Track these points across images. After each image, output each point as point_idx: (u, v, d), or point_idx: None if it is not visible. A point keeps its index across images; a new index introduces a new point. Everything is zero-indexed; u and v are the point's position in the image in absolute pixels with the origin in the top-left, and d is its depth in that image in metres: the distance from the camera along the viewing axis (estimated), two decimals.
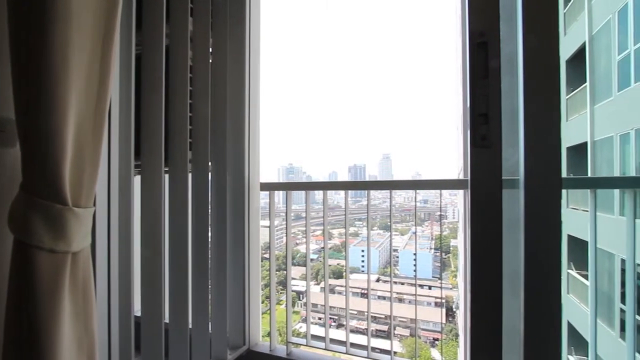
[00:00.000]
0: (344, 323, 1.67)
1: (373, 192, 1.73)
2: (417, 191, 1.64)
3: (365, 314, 1.66)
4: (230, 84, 1.59)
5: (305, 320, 1.74)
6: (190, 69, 1.49)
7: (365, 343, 1.60)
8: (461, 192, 1.44)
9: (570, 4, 9.18)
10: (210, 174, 1.57)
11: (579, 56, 8.76)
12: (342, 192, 1.69)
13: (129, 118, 1.28)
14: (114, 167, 1.21)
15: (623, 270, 6.32)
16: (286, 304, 1.77)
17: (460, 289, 1.62)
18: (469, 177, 0.76)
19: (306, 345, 1.74)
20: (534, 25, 0.67)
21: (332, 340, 1.71)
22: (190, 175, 1.50)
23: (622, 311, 6.33)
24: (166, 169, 1.50)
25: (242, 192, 1.63)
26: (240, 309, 1.66)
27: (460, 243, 1.59)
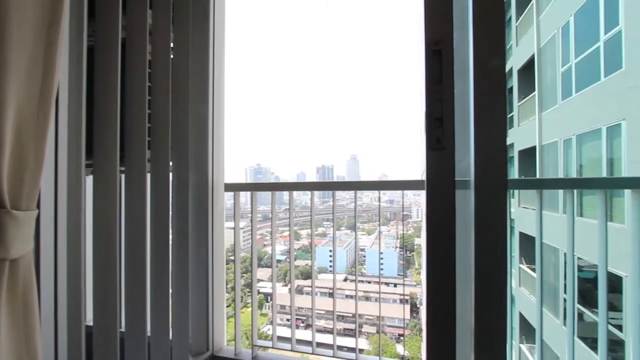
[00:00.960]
0: (314, 323, 1.67)
1: (341, 193, 1.75)
2: (384, 192, 1.68)
3: (333, 312, 1.68)
4: (193, 81, 1.54)
5: (276, 321, 1.72)
6: (150, 64, 1.42)
7: (330, 341, 1.62)
8: (424, 192, 1.50)
9: (522, 17, 9.91)
10: (171, 174, 1.51)
11: (529, 66, 9.48)
12: (308, 193, 1.70)
13: (79, 114, 1.20)
14: (62, 167, 1.13)
15: (566, 264, 6.93)
16: (251, 307, 1.75)
17: (424, 286, 1.69)
18: (425, 178, 0.81)
19: (273, 348, 1.73)
20: (483, 38, 0.72)
21: (299, 341, 1.71)
22: (149, 175, 1.43)
23: (566, 301, 6.93)
24: (122, 168, 1.42)
25: (205, 193, 1.58)
26: (204, 314, 1.61)
27: (424, 241, 1.66)
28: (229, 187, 1.69)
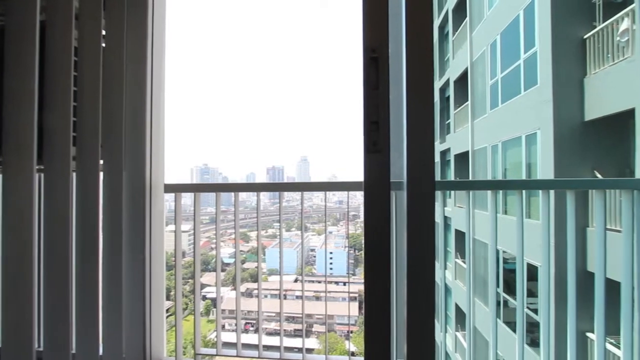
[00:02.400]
0: (263, 326, 1.64)
1: (292, 194, 1.75)
2: (333, 193, 1.71)
3: (284, 315, 1.67)
4: (129, 71, 1.42)
5: (222, 327, 1.65)
6: (76, 52, 1.28)
7: (283, 344, 1.61)
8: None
9: (458, 32, 10.84)
10: (102, 173, 1.38)
11: (463, 78, 10.41)
12: (260, 194, 1.67)
13: None
14: None
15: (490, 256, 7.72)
16: (194, 314, 1.66)
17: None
18: (363, 180, 0.85)
19: (217, 355, 1.66)
20: (414, 49, 0.78)
21: (246, 346, 1.67)
22: (74, 174, 1.29)
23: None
24: (41, 167, 1.26)
25: (142, 194, 1.46)
26: (140, 325, 1.49)
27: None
28: (170, 188, 1.59)
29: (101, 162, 1.37)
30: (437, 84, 13.02)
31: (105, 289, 1.36)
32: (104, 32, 1.36)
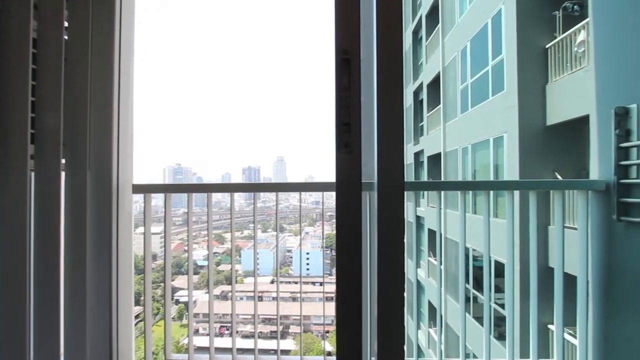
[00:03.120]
0: (239, 329, 1.61)
1: (268, 194, 1.73)
2: (310, 193, 1.71)
3: (260, 317, 1.64)
4: (95, 67, 1.35)
5: (195, 332, 1.61)
6: (35, 43, 1.21)
7: (259, 346, 1.59)
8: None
9: (431, 38, 11.19)
10: (64, 173, 1.30)
11: (436, 82, 10.75)
12: (235, 195, 1.64)
13: None
14: None
15: (466, 256, 8.03)
16: (164, 318, 1.60)
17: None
18: (335, 181, 0.86)
19: None
20: (384, 52, 0.80)
21: (221, 350, 1.63)
22: (32, 174, 1.21)
23: (465, 288, 8.03)
24: None
25: (108, 195, 1.40)
26: (106, 332, 1.42)
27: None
28: (139, 189, 1.53)
29: (63, 161, 1.30)
30: (412, 87, 13.37)
31: (67, 295, 1.28)
32: (66, 24, 1.28)
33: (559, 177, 5.74)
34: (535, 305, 1.64)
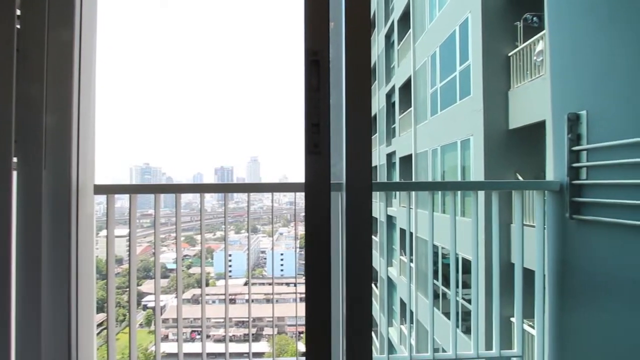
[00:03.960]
0: (212, 333, 1.56)
1: (242, 195, 1.70)
2: (284, 194, 1.70)
3: (233, 320, 1.60)
4: (51, 60, 1.27)
5: (165, 337, 1.54)
6: None
7: (232, 349, 1.55)
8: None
9: (402, 42, 11.50)
10: (16, 172, 1.21)
11: (407, 85, 11.06)
12: (207, 196, 1.59)
13: None
14: None
15: (435, 253, 8.32)
16: (129, 324, 1.53)
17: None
18: (303, 181, 0.86)
19: None
20: (353, 55, 0.82)
21: (192, 355, 1.58)
22: None
23: (434, 284, 8.32)
24: None
25: (66, 196, 1.31)
26: (64, 342, 1.33)
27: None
28: (101, 189, 1.45)
29: (15, 159, 1.20)
30: (384, 90, 13.66)
31: (19, 303, 1.19)
32: (18, 12, 1.19)
33: (520, 178, 6.09)
34: (497, 300, 1.73)
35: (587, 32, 1.51)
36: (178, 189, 1.53)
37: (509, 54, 6.23)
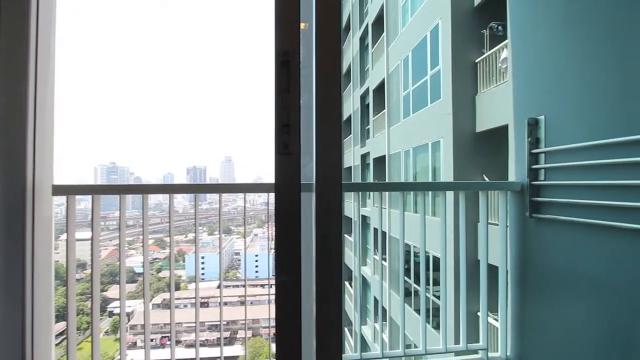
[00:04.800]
0: (183, 339, 1.51)
1: (215, 196, 1.66)
2: (260, 194, 1.67)
3: (206, 324, 1.56)
4: (3, 54, 1.18)
5: (133, 344, 1.47)
6: None
7: (205, 354, 1.51)
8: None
9: (376, 45, 11.72)
10: None
11: (381, 87, 11.29)
12: (178, 196, 1.54)
13: None
14: None
15: (407, 252, 8.55)
16: (92, 333, 1.45)
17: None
18: (274, 182, 0.86)
19: None
20: (323, 57, 0.83)
21: None
22: None
23: (406, 282, 8.56)
24: None
25: (21, 197, 1.22)
26: (18, 354, 1.24)
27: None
28: (60, 190, 1.37)
29: None
30: (359, 92, 13.85)
31: None
32: None
33: (486, 178, 6.39)
34: (464, 295, 1.81)
35: (544, 44, 1.62)
36: (145, 189, 1.47)
37: (476, 60, 6.52)
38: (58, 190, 1.36)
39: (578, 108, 1.43)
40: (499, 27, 6.18)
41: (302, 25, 0.98)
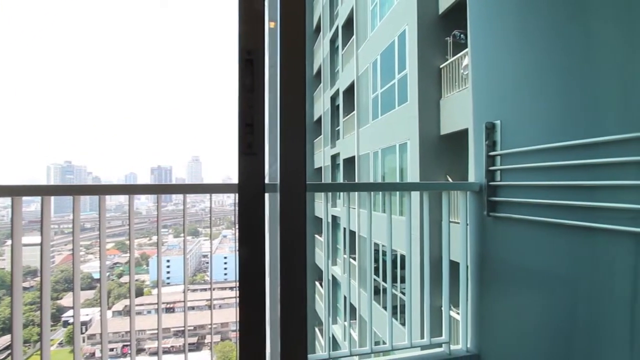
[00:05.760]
0: (147, 346, 1.44)
1: (181, 197, 1.60)
2: (228, 195, 1.64)
3: (172, 330, 1.49)
4: None
5: (91, 355, 1.38)
6: None
7: None
8: (267, 195, 1.55)
9: (346, 47, 11.87)
10: None
11: (351, 89, 11.45)
12: (142, 197, 1.46)
13: None
14: None
15: (376, 251, 8.73)
16: (41, 346, 1.34)
17: (267, 284, 1.74)
18: (237, 182, 0.85)
19: None
20: (288, 56, 0.83)
21: None
22: None
23: (375, 280, 8.75)
24: None
25: None
26: None
27: (267, 242, 1.71)
28: (4, 191, 1.25)
29: None
30: (329, 93, 13.96)
31: None
32: None
33: (449, 179, 6.69)
34: (428, 291, 1.88)
35: (501, 53, 1.73)
36: (102, 190, 1.38)
37: (441, 66, 6.81)
38: (2, 191, 1.24)
39: (531, 113, 1.54)
40: (462, 35, 6.51)
41: (271, 24, 0.97)
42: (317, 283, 14.26)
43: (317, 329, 13.11)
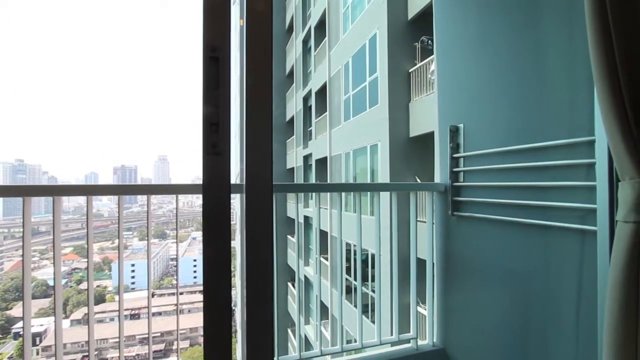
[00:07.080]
0: (110, 355, 1.36)
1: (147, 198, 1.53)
2: (198, 195, 1.59)
3: (137, 337, 1.42)
4: None
5: None
6: None
7: None
8: (238, 195, 1.52)
9: (319, 49, 11.93)
10: None
11: (323, 90, 11.52)
12: (104, 199, 1.38)
13: None
14: None
15: (348, 251, 8.84)
16: None
17: (238, 288, 1.70)
18: (202, 183, 0.83)
19: None
20: (253, 52, 0.82)
21: None
22: None
23: (347, 280, 8.85)
24: None
25: None
26: None
27: (238, 244, 1.68)
28: None
29: None
30: (302, 93, 13.95)
31: None
32: None
33: (418, 180, 6.92)
34: (396, 289, 1.94)
35: (465, 59, 1.81)
36: (56, 191, 1.29)
37: (410, 70, 7.03)
38: None
39: (491, 117, 1.63)
40: (429, 41, 6.76)
41: (240, 21, 0.95)
42: (289, 284, 14.20)
43: (289, 330, 13.04)
